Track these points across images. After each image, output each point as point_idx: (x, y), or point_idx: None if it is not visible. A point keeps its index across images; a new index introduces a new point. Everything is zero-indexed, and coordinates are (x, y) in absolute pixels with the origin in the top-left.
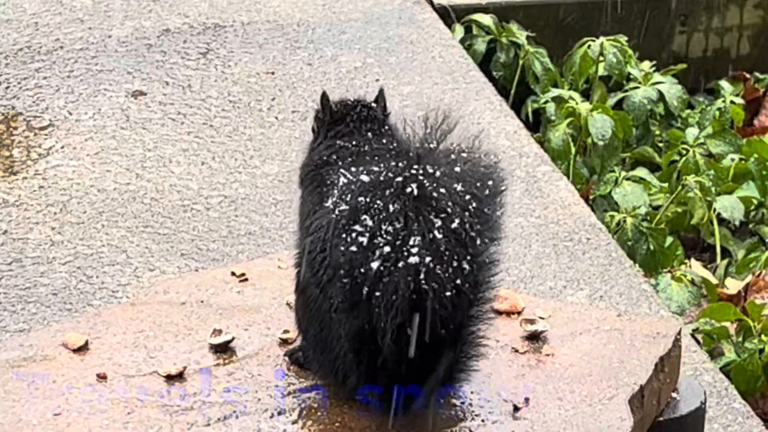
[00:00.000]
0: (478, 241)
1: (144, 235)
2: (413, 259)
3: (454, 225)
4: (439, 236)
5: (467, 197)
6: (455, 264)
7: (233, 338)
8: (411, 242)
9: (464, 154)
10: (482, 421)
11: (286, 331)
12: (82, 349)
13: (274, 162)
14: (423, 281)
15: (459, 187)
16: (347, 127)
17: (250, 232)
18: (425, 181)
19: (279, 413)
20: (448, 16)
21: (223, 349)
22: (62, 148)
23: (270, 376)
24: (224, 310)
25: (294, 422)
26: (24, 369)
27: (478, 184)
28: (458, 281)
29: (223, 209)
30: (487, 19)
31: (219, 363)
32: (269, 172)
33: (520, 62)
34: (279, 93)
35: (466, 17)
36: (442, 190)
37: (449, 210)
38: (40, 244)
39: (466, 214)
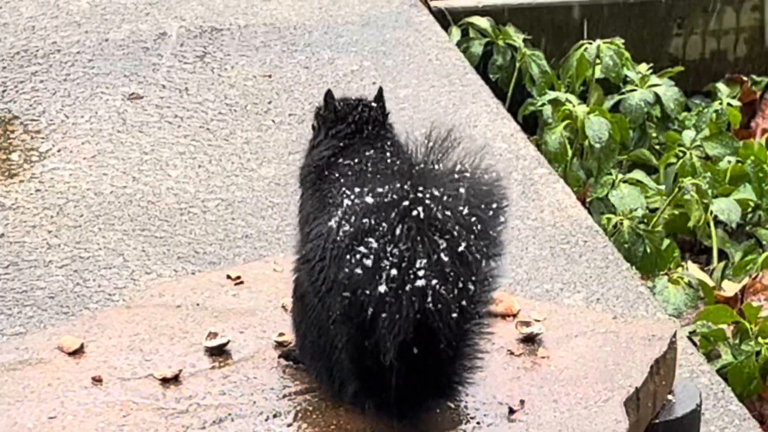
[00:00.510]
0: (483, 263)
1: (141, 238)
2: (420, 282)
3: (460, 248)
4: (445, 259)
5: (472, 219)
6: (460, 286)
7: (228, 341)
8: (417, 265)
9: (467, 174)
10: (477, 423)
11: (281, 334)
12: (78, 352)
13: (270, 165)
14: (430, 303)
15: (464, 210)
16: (348, 127)
17: (246, 235)
18: (431, 204)
19: (274, 416)
20: (444, 19)
21: (219, 352)
22: (59, 151)
23: (265, 379)
24: (220, 313)
25: (289, 425)
26: (19, 372)
27: (482, 205)
28: (463, 302)
29: (219, 212)
30: (483, 22)
31: (214, 366)
32: (266, 175)
33: (517, 65)
34: (276, 96)
35: (463, 20)
36: (448, 213)
37: (455, 233)
38: (36, 247)
39: (472, 236)
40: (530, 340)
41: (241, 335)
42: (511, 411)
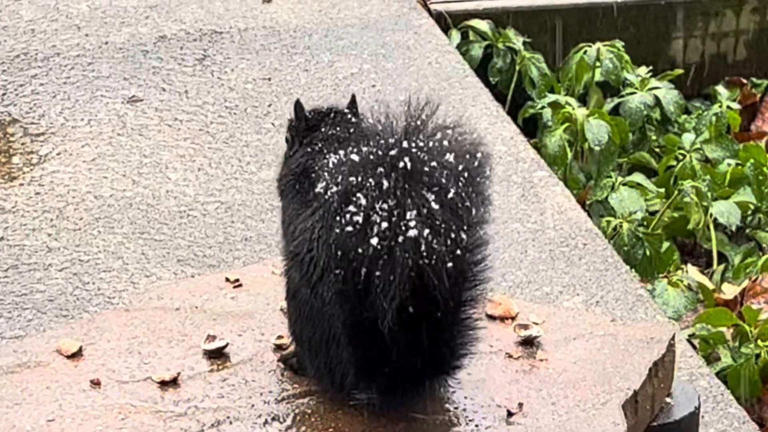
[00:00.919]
0: (473, 211)
1: (140, 241)
2: (412, 233)
3: (449, 196)
4: (436, 207)
5: (459, 167)
6: (453, 235)
7: (227, 344)
8: (407, 216)
9: (449, 130)
10: (476, 426)
11: (279, 337)
12: (76, 355)
13: (270, 168)
14: (424, 254)
15: (450, 159)
16: (322, 134)
17: (246, 238)
18: (418, 154)
19: (272, 419)
20: (444, 22)
21: (217, 355)
22: (59, 154)
23: (264, 382)
24: (218, 316)
25: (288, 428)
26: (18, 375)
27: (467, 156)
28: (457, 252)
29: (219, 215)
30: (483, 25)
31: (213, 369)
32: (266, 178)
33: (517, 68)
34: (275, 99)
35: (463, 23)
36: (434, 163)
37: (443, 182)
38: (36, 250)
39: (460, 184)
40: (529, 342)
41: (239, 338)
42: (510, 414)
